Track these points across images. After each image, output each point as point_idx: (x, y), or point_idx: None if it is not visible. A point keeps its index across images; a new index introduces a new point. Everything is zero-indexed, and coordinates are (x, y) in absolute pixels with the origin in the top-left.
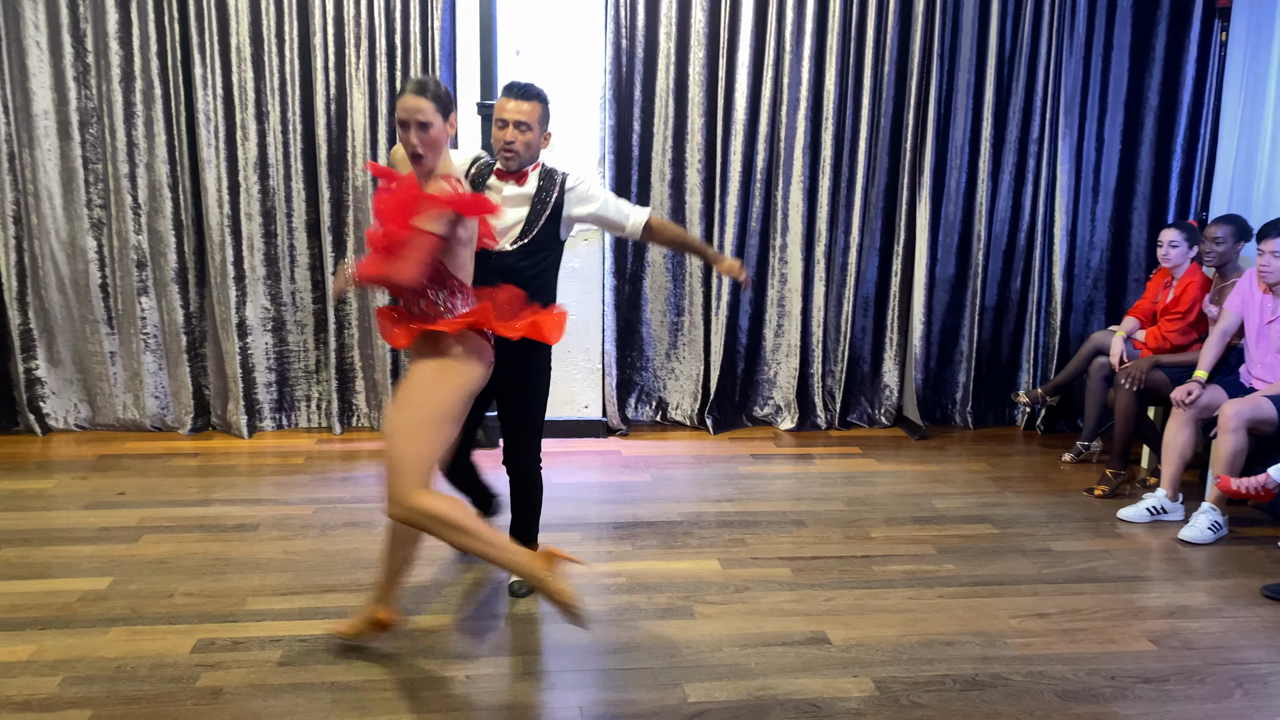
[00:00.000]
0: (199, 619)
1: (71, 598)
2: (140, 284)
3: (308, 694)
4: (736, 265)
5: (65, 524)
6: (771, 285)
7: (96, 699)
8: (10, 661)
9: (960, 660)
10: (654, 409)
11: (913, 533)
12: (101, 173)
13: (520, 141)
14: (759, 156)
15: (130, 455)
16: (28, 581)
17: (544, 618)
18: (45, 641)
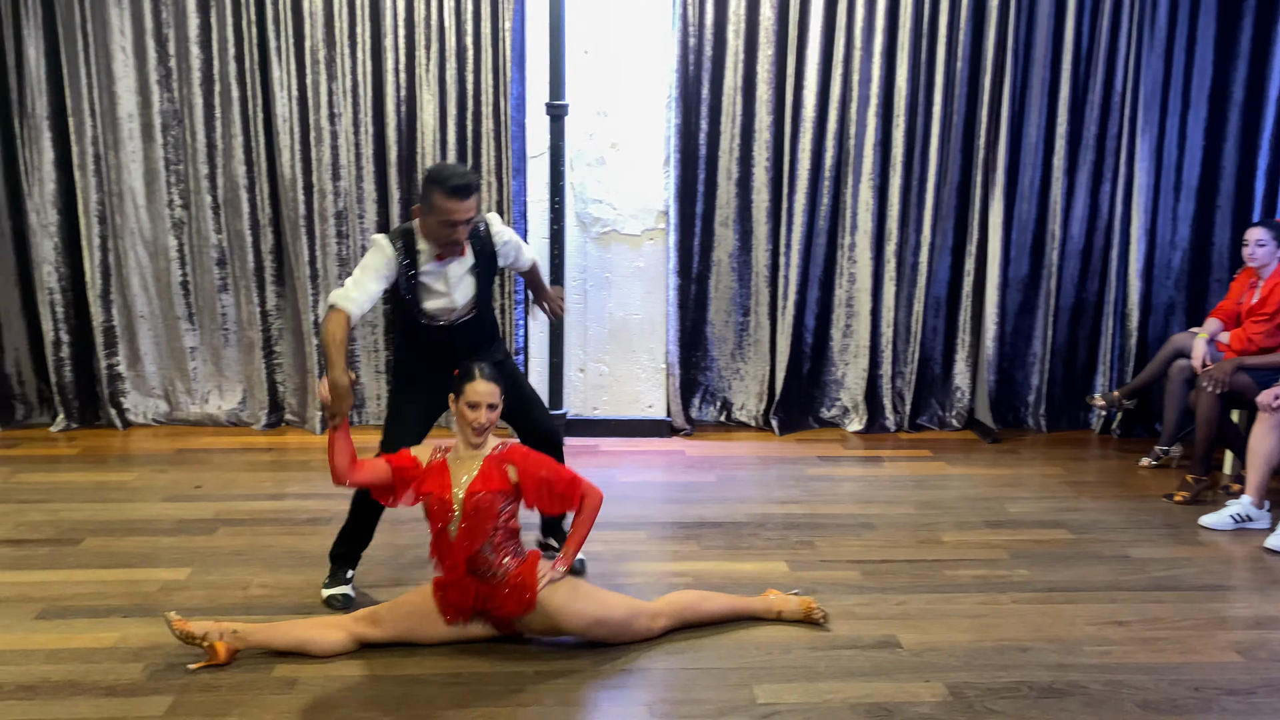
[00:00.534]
0: (274, 610)
1: (153, 587)
2: (220, 281)
3: (380, 686)
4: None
5: (146, 515)
6: (840, 285)
7: (177, 686)
8: (95, 647)
9: (1035, 667)
10: (718, 409)
11: (985, 537)
12: (183, 173)
13: (465, 232)
14: (828, 154)
15: (207, 449)
16: (111, 570)
17: None
18: (129, 629)
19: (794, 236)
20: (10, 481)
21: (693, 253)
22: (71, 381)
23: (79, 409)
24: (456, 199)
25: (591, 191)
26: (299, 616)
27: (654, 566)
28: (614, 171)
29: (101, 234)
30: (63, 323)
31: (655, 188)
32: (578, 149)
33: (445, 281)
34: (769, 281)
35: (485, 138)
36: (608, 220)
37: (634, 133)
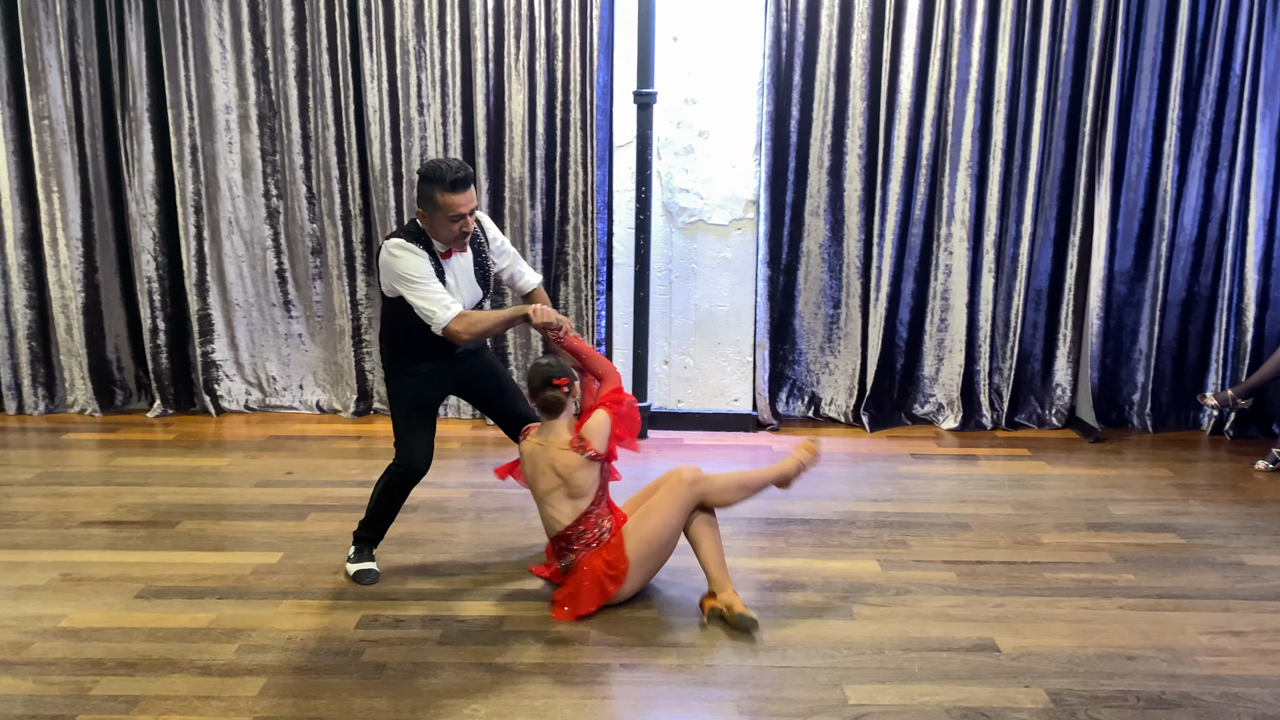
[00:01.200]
0: (362, 596)
1: (245, 570)
2: (316, 270)
3: (467, 673)
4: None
5: (238, 500)
6: (935, 277)
7: (270, 667)
8: (192, 627)
9: (1143, 676)
10: (806, 404)
11: (1087, 539)
12: (278, 164)
13: (472, 222)
14: (924, 141)
15: (297, 436)
16: (205, 553)
17: (699, 611)
18: (223, 610)
19: (888, 226)
20: (110, 465)
21: (782, 243)
22: (168, 368)
23: (174, 395)
24: (458, 192)
25: (679, 180)
26: (387, 602)
27: (739, 562)
28: (702, 160)
29: (197, 224)
30: (159, 311)
31: (744, 176)
32: (665, 137)
33: (455, 277)
34: (861, 273)
35: (572, 127)
36: (695, 210)
37: (723, 120)
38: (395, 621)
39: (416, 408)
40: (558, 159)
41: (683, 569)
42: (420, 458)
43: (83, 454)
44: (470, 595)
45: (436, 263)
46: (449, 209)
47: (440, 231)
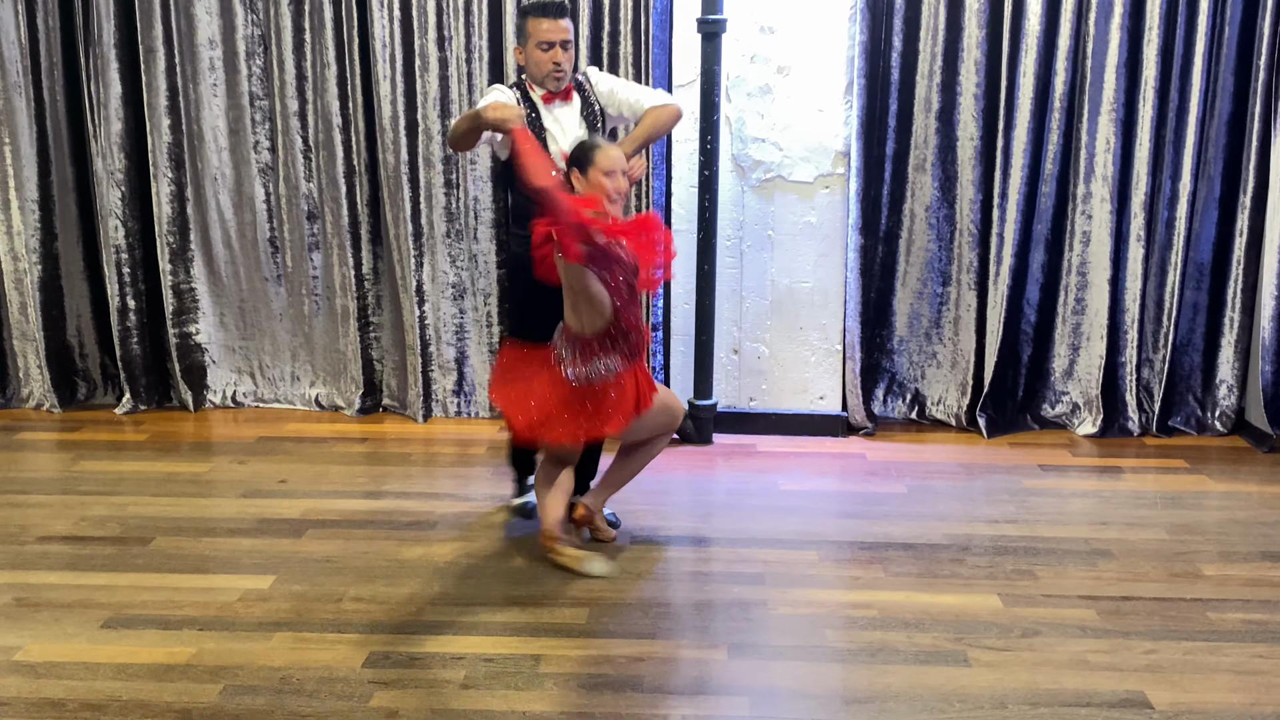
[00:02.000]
0: (371, 628)
1: (231, 596)
2: (312, 238)
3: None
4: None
5: (223, 513)
6: (1070, 247)
7: (261, 712)
8: (168, 664)
9: None
10: (908, 403)
11: (1261, 572)
12: (269, 110)
13: (566, 59)
14: (1057, 79)
15: (293, 438)
16: (184, 576)
17: (776, 652)
18: (204, 644)
19: (1011, 184)
20: (71, 470)
21: (880, 205)
22: (139, 355)
23: (147, 387)
24: (549, 17)
25: (752, 128)
26: (400, 636)
27: (828, 595)
28: (781, 103)
29: (176, 181)
30: (130, 286)
31: (833, 123)
32: (736, 75)
33: (559, 125)
34: (978, 241)
35: (623, 61)
36: (772, 164)
37: (807, 54)
38: (410, 659)
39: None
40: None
41: (763, 600)
42: None
43: (39, 457)
44: (499, 630)
45: (534, 109)
46: (537, 35)
47: (533, 68)
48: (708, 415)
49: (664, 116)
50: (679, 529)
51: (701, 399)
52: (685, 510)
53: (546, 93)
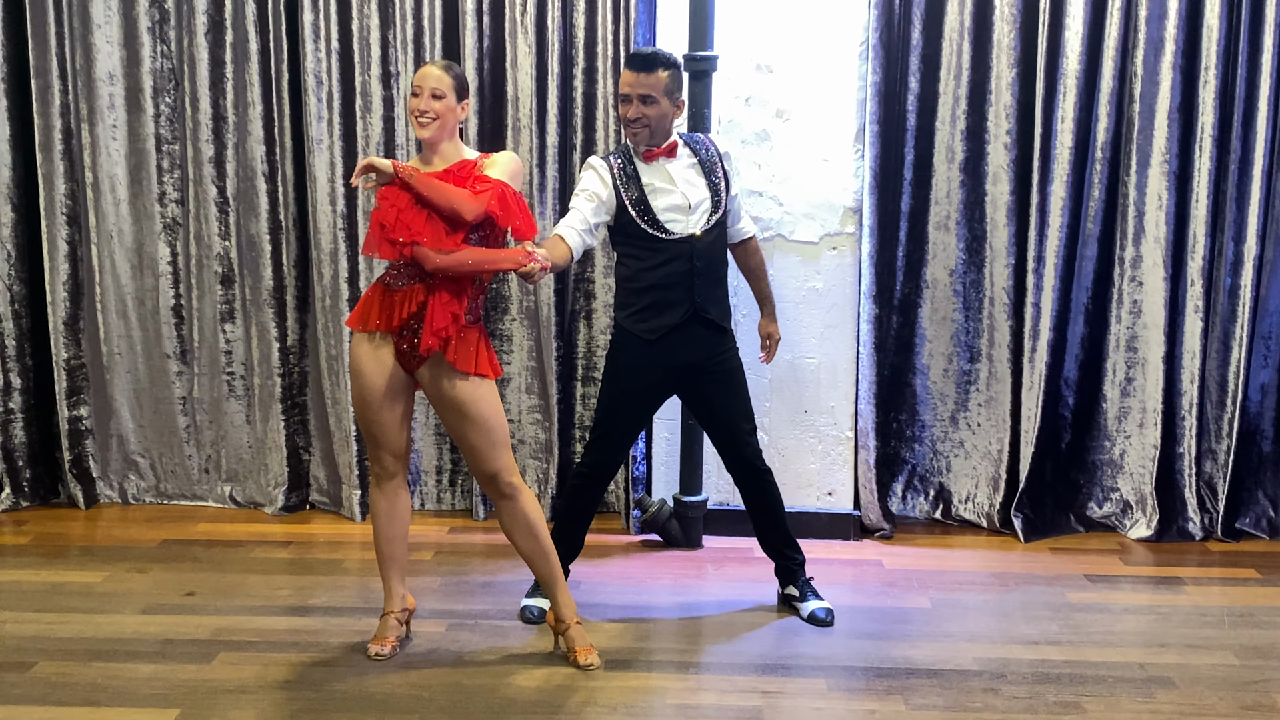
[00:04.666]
0: None
1: None
2: (224, 306)
3: None
4: None
5: (118, 632)
6: (1117, 317)
7: None
8: None
9: None
10: (931, 501)
11: None
12: (179, 156)
13: (645, 115)
14: (1100, 125)
15: (203, 541)
16: (69, 710)
17: None
18: None
19: (1048, 246)
20: None
21: (895, 268)
22: (23, 443)
23: (31, 481)
24: (629, 69)
25: (748, 179)
26: None
27: None
28: (781, 151)
29: (70, 238)
30: (14, 361)
31: (841, 174)
32: (729, 119)
33: (668, 178)
34: (1010, 311)
35: (600, 103)
36: (771, 221)
37: (810, 96)
38: None
39: (621, 395)
40: (578, 148)
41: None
42: (610, 457)
43: None
44: None
45: (632, 167)
46: (619, 88)
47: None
48: (696, 514)
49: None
50: (662, 652)
51: (689, 494)
52: (670, 630)
53: (646, 149)
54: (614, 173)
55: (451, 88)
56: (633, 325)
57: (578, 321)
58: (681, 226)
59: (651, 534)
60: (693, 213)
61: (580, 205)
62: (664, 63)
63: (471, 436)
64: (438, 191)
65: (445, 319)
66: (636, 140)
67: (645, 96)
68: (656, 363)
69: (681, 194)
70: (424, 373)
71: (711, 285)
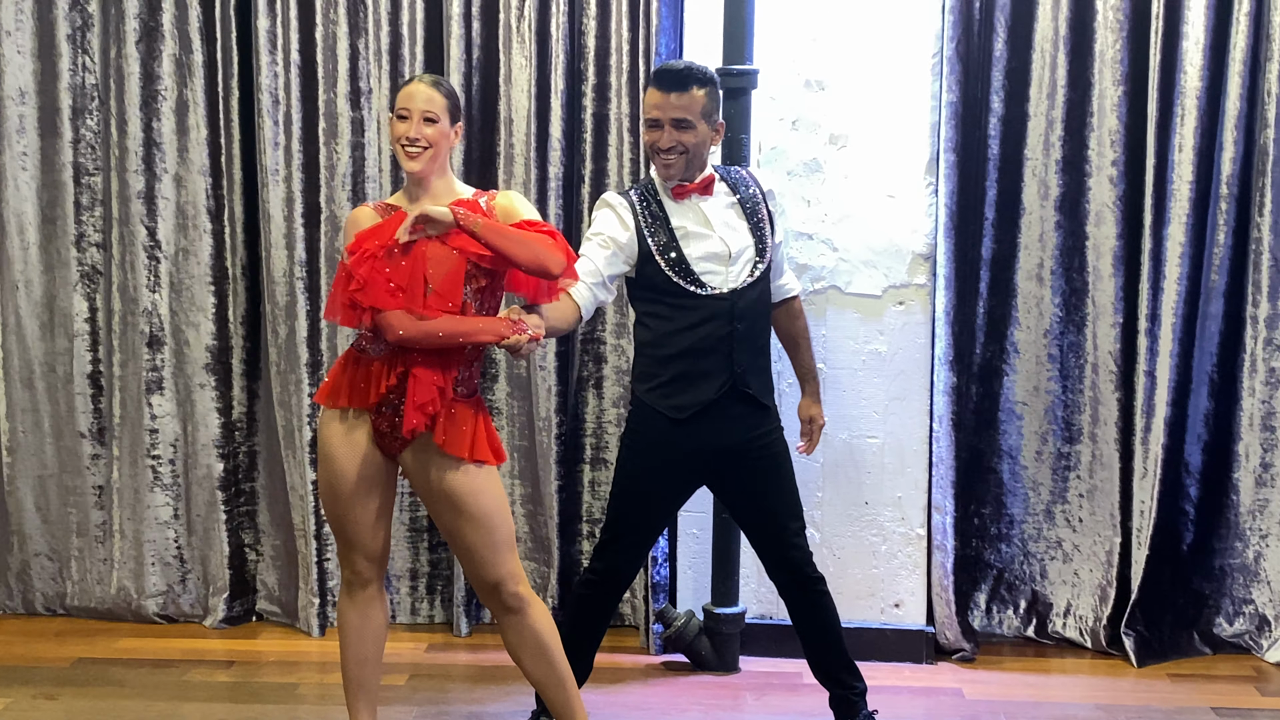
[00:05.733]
0: None
1: None
2: (153, 374)
3: None
4: None
5: None
6: (1250, 389)
7: None
8: None
9: None
10: (1023, 615)
11: None
12: (101, 190)
13: (684, 142)
14: (1225, 155)
15: (125, 660)
16: None
17: None
18: None
19: (1165, 302)
20: None
21: (976, 328)
22: None
23: None
24: (659, 87)
25: (795, 219)
26: None
27: None
28: (835, 185)
29: None
30: None
31: (909, 213)
32: (772, 146)
33: (703, 219)
34: (1118, 381)
35: (613, 126)
36: (823, 269)
37: (871, 118)
38: None
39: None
40: (587, 180)
41: None
42: (627, 561)
43: None
44: None
45: (658, 207)
46: (645, 111)
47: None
48: (732, 630)
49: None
50: None
51: (723, 605)
52: None
53: (677, 185)
54: (636, 213)
55: (445, 109)
56: (655, 401)
57: (585, 391)
58: (720, 280)
59: (677, 654)
60: (734, 263)
61: (592, 253)
62: (700, 79)
63: (468, 536)
64: (516, 242)
65: (430, 392)
66: (669, 173)
67: (679, 121)
68: (684, 447)
69: (720, 239)
70: (408, 458)
71: (754, 354)
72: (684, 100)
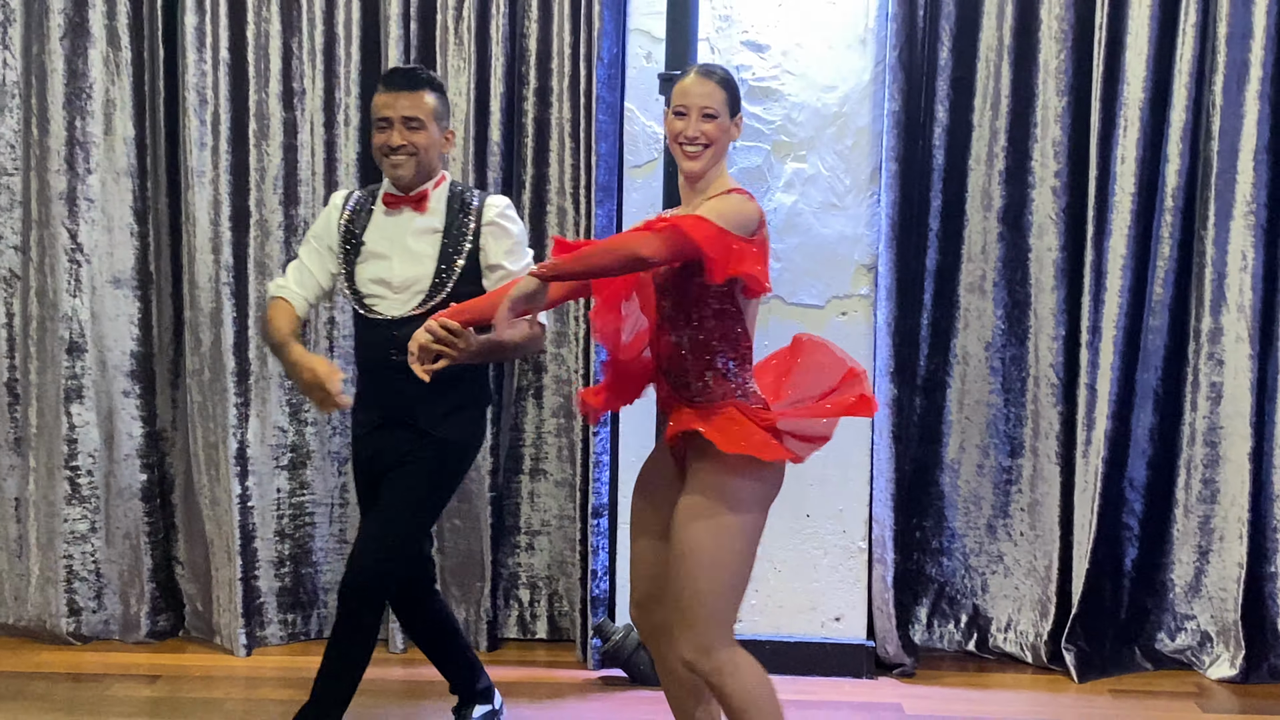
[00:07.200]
0: None
1: None
2: (72, 382)
3: None
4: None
5: None
6: (1192, 404)
7: None
8: None
9: None
10: (964, 628)
11: None
12: (20, 191)
13: (415, 142)
14: (1169, 167)
15: (46, 674)
16: None
17: None
18: None
19: (1106, 315)
20: None
21: (919, 340)
22: None
23: None
24: (388, 89)
25: None
26: None
27: None
28: (778, 194)
29: None
30: None
31: (852, 224)
32: None
33: (391, 240)
34: (1060, 394)
35: (554, 132)
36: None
37: (815, 126)
38: None
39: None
40: (528, 187)
41: None
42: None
43: None
44: None
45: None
46: (375, 113)
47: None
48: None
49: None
50: None
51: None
52: None
53: (387, 193)
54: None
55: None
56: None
57: (525, 400)
58: (386, 306)
59: (615, 668)
60: (400, 292)
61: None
62: (430, 83)
63: None
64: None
65: None
66: (398, 174)
67: (410, 120)
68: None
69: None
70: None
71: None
72: (415, 100)
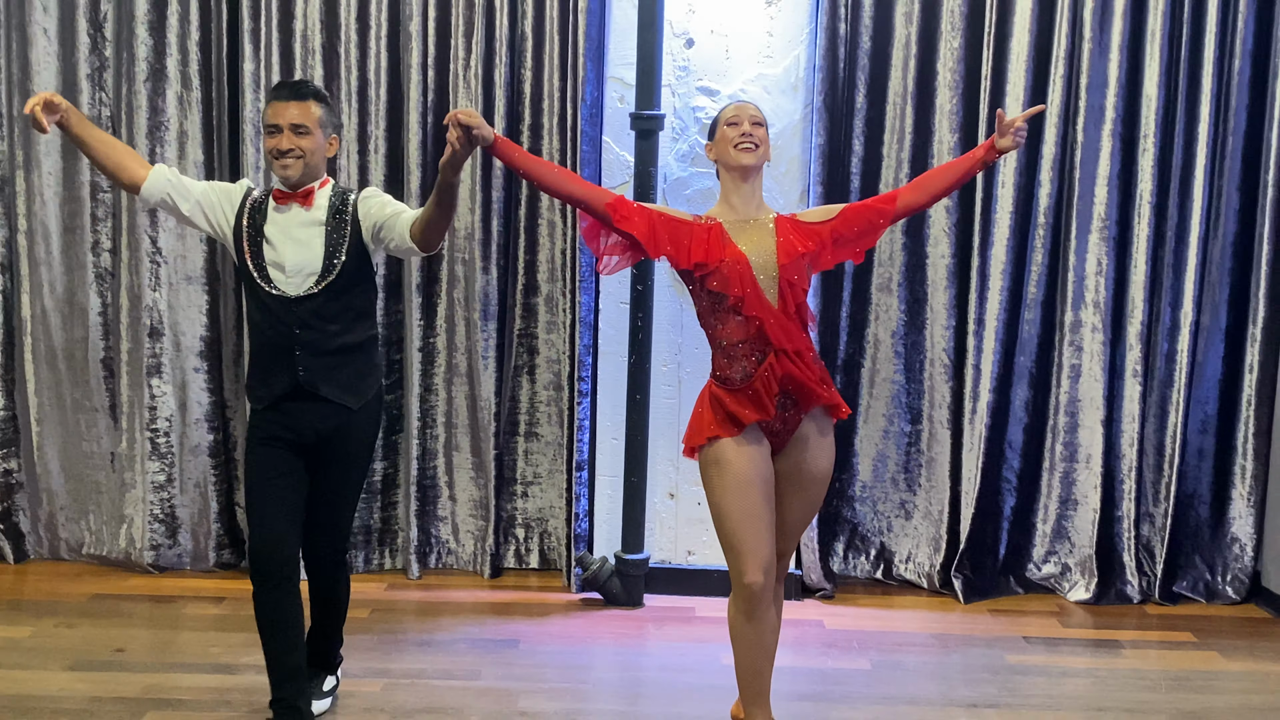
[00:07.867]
0: None
1: None
2: (153, 360)
3: None
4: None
5: (44, 689)
6: (1058, 382)
7: None
8: None
9: None
10: (873, 561)
11: None
12: (112, 204)
13: (302, 146)
14: (1041, 190)
15: (133, 596)
16: None
17: None
18: None
19: (989, 309)
20: None
21: (838, 329)
22: None
23: None
24: (278, 99)
25: None
26: None
27: None
28: None
29: (3, 288)
30: None
31: None
32: (676, 177)
33: (281, 231)
34: (951, 373)
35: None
36: None
37: None
38: None
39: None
40: (523, 204)
41: None
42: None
43: None
44: None
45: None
46: (265, 121)
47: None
48: (638, 572)
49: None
50: (601, 712)
51: (631, 552)
52: (609, 689)
53: (277, 190)
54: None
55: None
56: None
57: (520, 377)
58: (284, 284)
59: (592, 592)
60: (293, 275)
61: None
62: (315, 93)
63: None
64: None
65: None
66: (287, 174)
67: (297, 126)
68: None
69: (285, 252)
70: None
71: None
72: (302, 108)
